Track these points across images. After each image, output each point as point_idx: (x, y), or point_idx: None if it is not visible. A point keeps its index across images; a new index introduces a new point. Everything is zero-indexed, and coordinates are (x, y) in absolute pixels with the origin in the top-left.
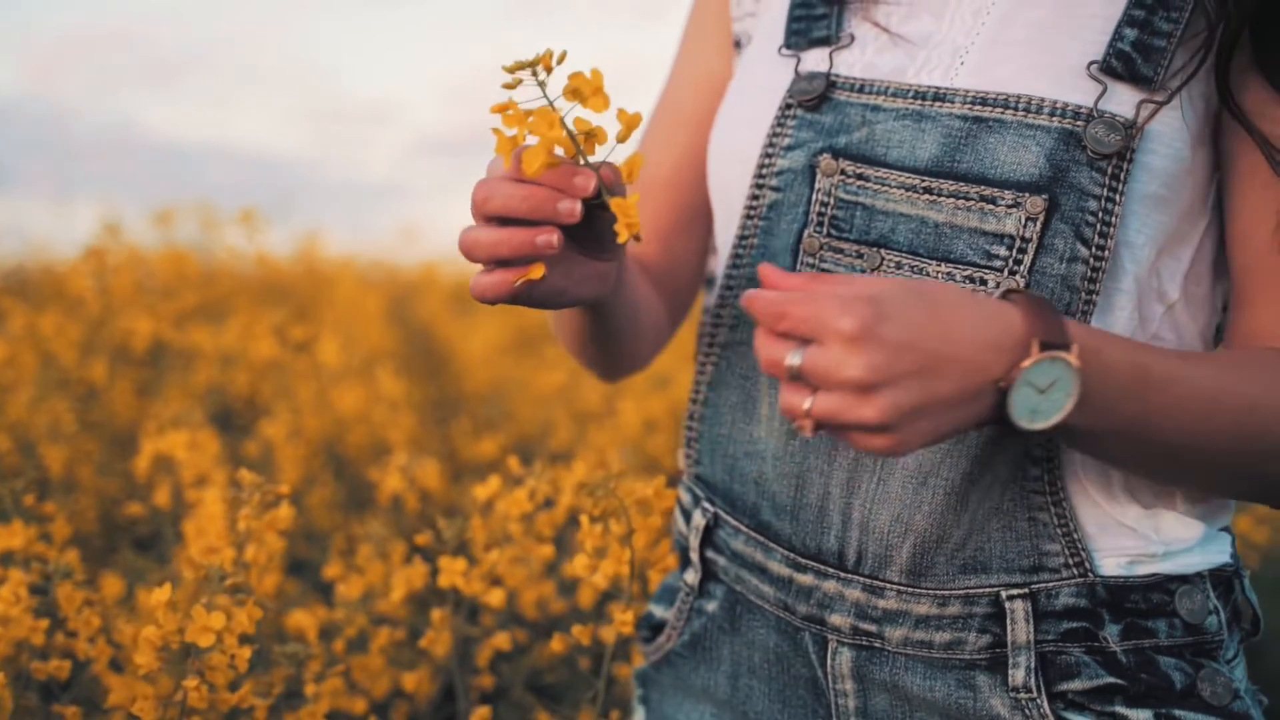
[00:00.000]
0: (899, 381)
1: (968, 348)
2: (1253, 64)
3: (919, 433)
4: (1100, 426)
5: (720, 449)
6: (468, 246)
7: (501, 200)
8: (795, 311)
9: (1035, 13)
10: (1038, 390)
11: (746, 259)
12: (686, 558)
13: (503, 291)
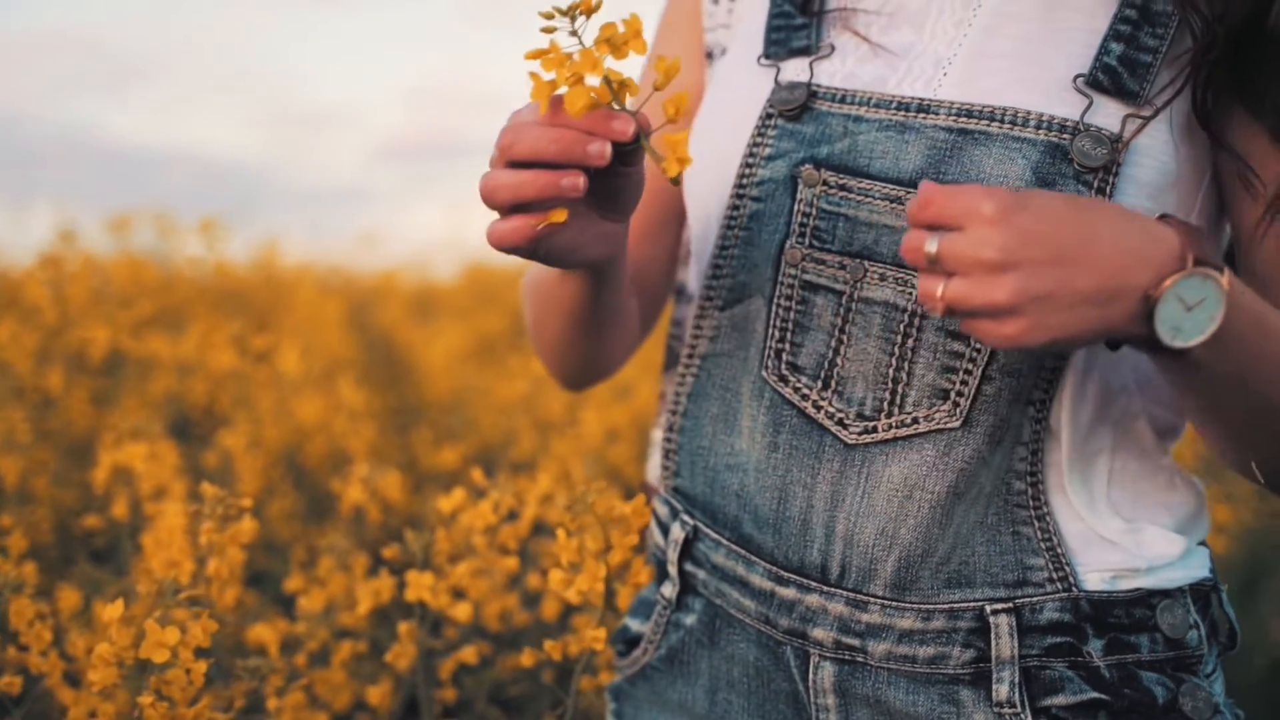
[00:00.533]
0: (1031, 267)
1: (1109, 247)
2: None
3: (1048, 326)
4: (1219, 364)
5: (700, 461)
6: (489, 190)
7: (530, 143)
8: (940, 199)
9: (1019, 26)
10: (1185, 306)
11: (727, 269)
12: (664, 571)
13: (521, 238)
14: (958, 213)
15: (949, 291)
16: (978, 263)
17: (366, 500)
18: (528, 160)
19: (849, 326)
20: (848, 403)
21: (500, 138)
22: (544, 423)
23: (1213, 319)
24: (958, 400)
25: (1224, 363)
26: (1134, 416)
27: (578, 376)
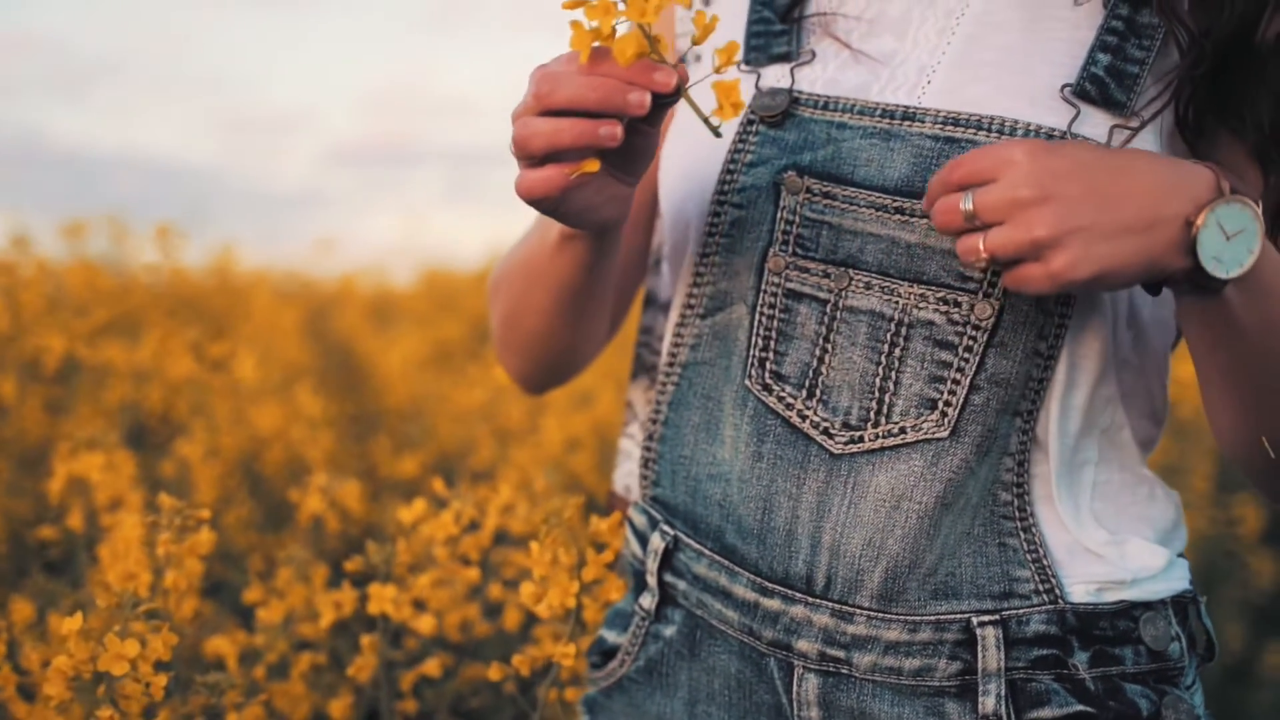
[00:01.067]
0: (1067, 200)
1: (1145, 179)
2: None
3: (1093, 257)
4: (1247, 312)
5: (682, 471)
6: (525, 137)
7: (571, 90)
8: (970, 157)
9: (1003, 35)
10: (1225, 235)
11: (708, 276)
12: (642, 582)
13: (554, 187)
14: (989, 164)
15: (990, 240)
16: (1014, 202)
17: (325, 510)
18: (566, 108)
19: (834, 335)
20: (833, 412)
21: (536, 85)
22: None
23: (1251, 251)
24: (946, 410)
25: (1252, 311)
26: (1119, 428)
27: (548, 372)
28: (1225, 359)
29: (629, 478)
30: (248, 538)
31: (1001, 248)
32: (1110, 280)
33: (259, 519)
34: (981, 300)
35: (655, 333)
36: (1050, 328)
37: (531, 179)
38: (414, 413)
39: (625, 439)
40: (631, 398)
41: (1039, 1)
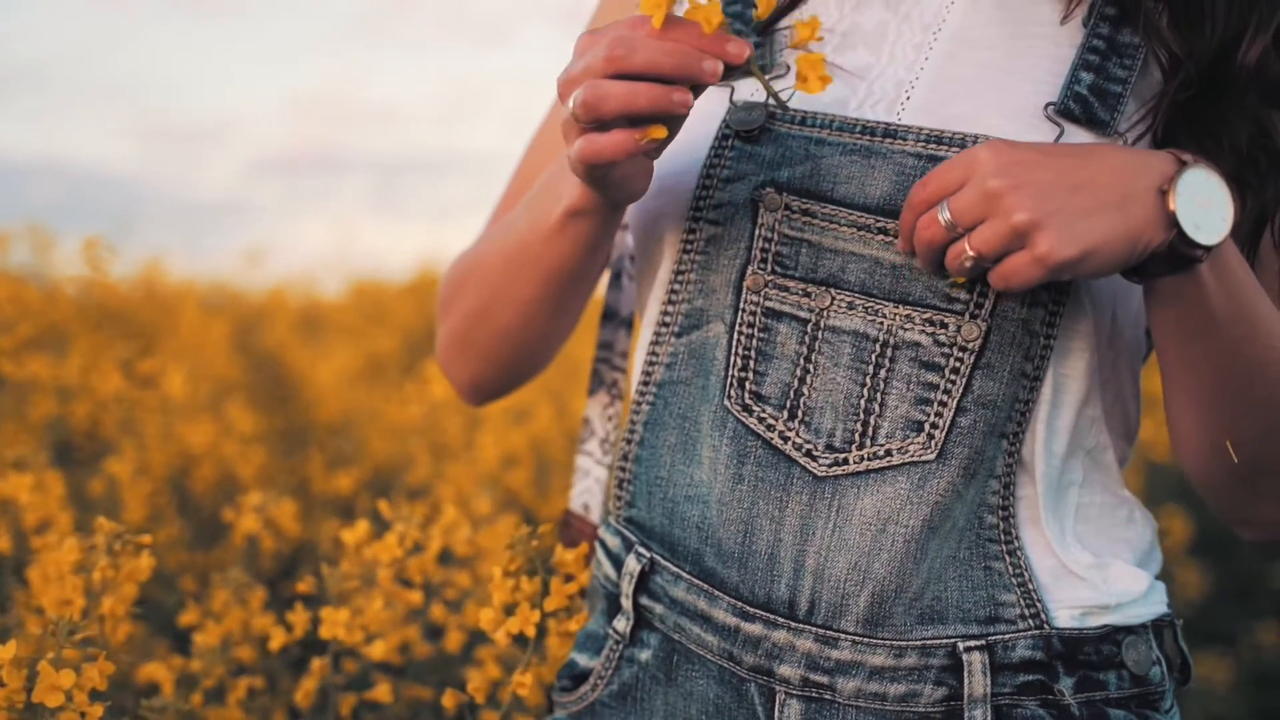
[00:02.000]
0: (1038, 185)
1: (1109, 160)
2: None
3: (1076, 234)
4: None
5: (658, 492)
6: (598, 99)
7: (647, 54)
8: (934, 175)
9: (983, 52)
10: (1198, 203)
11: (683, 294)
12: (615, 604)
13: (624, 150)
14: (956, 173)
15: (975, 239)
16: (987, 196)
17: (261, 529)
18: (641, 73)
19: (815, 355)
20: (816, 433)
21: (607, 48)
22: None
23: (1225, 219)
24: (932, 433)
25: (1224, 296)
26: (1103, 449)
27: (508, 375)
28: (1197, 353)
29: (587, 495)
30: (178, 556)
31: (987, 242)
32: (1097, 258)
33: (188, 537)
34: (968, 321)
35: (615, 348)
36: (1036, 349)
37: (602, 142)
38: (345, 427)
39: (583, 456)
40: (589, 414)
41: (1017, 18)
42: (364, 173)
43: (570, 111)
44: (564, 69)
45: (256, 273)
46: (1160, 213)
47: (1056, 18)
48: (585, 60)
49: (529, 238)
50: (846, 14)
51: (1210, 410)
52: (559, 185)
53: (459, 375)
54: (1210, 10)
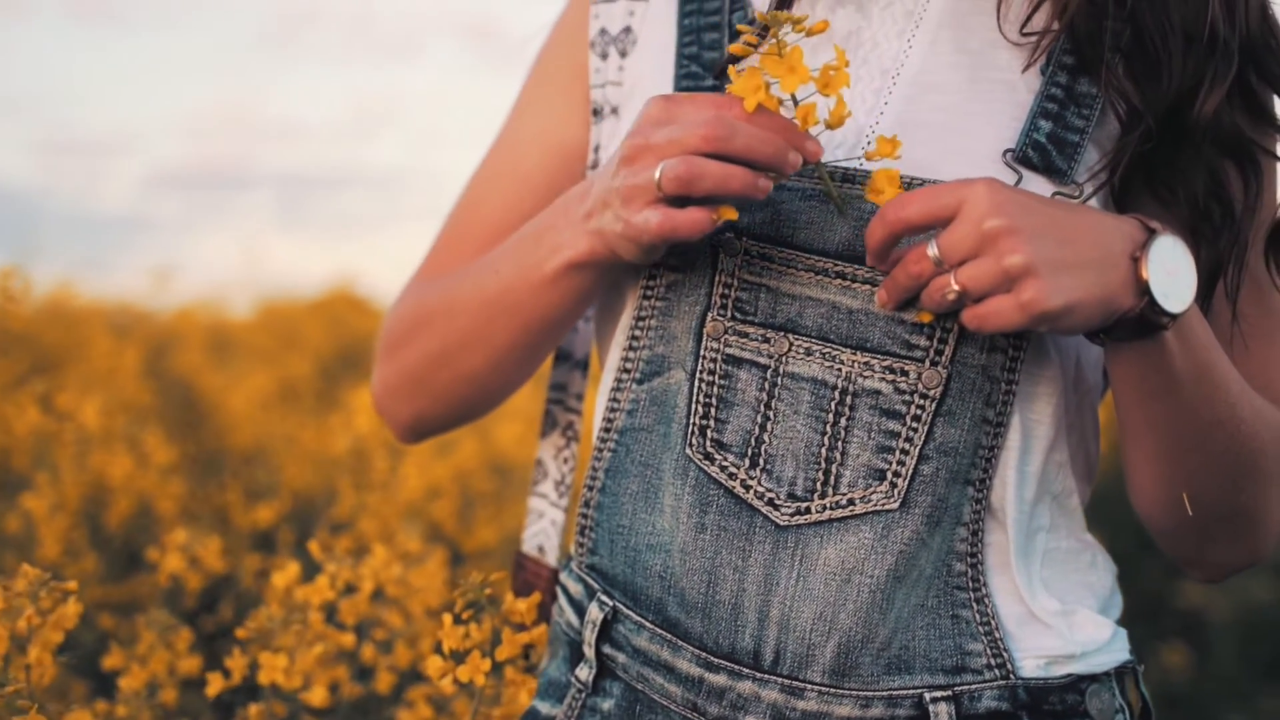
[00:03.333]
0: (1033, 231)
1: (1088, 218)
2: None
3: (1062, 287)
4: (1184, 359)
5: (620, 540)
6: (693, 176)
7: (746, 141)
8: (923, 194)
9: (942, 97)
10: (1166, 271)
11: (644, 340)
12: (578, 653)
13: (701, 229)
14: (949, 201)
15: (963, 276)
16: (984, 236)
17: (185, 569)
18: (737, 156)
19: (775, 403)
20: (778, 482)
21: (706, 126)
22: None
23: (1190, 286)
24: (895, 481)
25: (1186, 357)
26: (1069, 493)
27: (456, 417)
28: (1158, 411)
29: (541, 538)
30: (93, 592)
31: (975, 280)
32: (1075, 315)
33: (102, 570)
34: (929, 368)
35: (570, 390)
36: (997, 394)
37: (680, 219)
38: (259, 454)
39: (536, 498)
40: (542, 455)
41: (975, 63)
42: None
43: (655, 180)
44: (637, 130)
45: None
46: (1133, 279)
47: (1015, 64)
48: (671, 132)
49: (515, 284)
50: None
51: (1169, 464)
52: (556, 235)
53: (401, 413)
54: (1167, 62)
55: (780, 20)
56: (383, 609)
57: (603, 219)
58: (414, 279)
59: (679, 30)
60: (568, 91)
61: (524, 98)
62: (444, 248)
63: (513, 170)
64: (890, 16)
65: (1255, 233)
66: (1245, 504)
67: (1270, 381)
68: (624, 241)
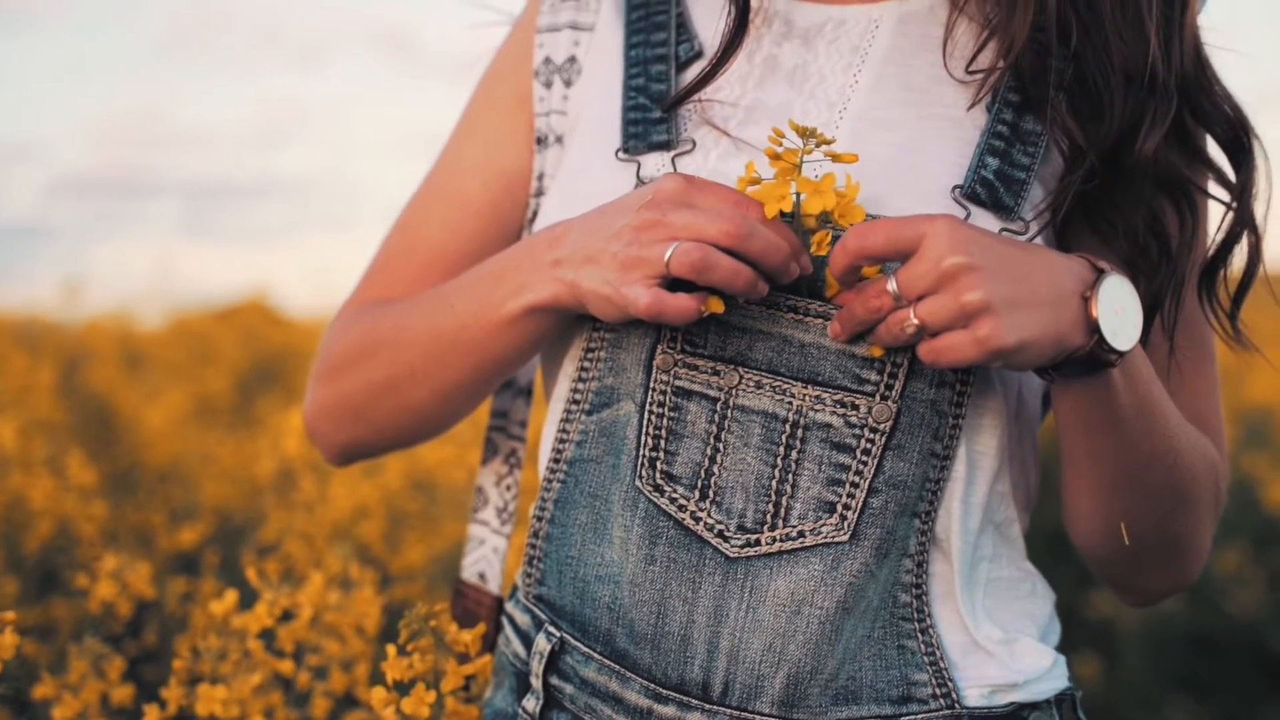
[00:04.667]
0: (991, 269)
1: (1041, 257)
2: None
3: (1017, 324)
4: (1128, 394)
5: (569, 571)
6: (705, 266)
7: (761, 245)
8: (885, 227)
9: (890, 133)
10: (1114, 310)
11: (593, 372)
12: (525, 683)
13: (687, 319)
14: (910, 235)
15: (922, 310)
16: (944, 274)
17: (117, 595)
18: (751, 258)
19: (725, 435)
20: (727, 514)
21: (728, 223)
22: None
23: (1136, 326)
24: (845, 514)
25: (1130, 393)
26: (1011, 522)
27: (392, 445)
28: (1101, 444)
29: (482, 565)
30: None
31: (933, 315)
32: (1028, 352)
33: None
34: (879, 402)
35: (512, 417)
36: (944, 429)
37: (670, 305)
38: (175, 471)
39: (476, 525)
40: (483, 482)
41: (921, 100)
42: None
43: (664, 259)
44: (653, 203)
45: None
46: (1083, 318)
47: (960, 101)
48: (691, 217)
49: (469, 323)
50: (750, 89)
51: (1109, 495)
52: (519, 276)
53: (335, 438)
54: (1109, 101)
55: (810, 135)
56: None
57: (582, 273)
58: (351, 302)
59: (626, 62)
60: (511, 119)
61: (466, 123)
62: (383, 271)
63: (455, 195)
64: (836, 51)
65: (1190, 269)
66: (1178, 532)
67: (1200, 412)
68: (603, 303)
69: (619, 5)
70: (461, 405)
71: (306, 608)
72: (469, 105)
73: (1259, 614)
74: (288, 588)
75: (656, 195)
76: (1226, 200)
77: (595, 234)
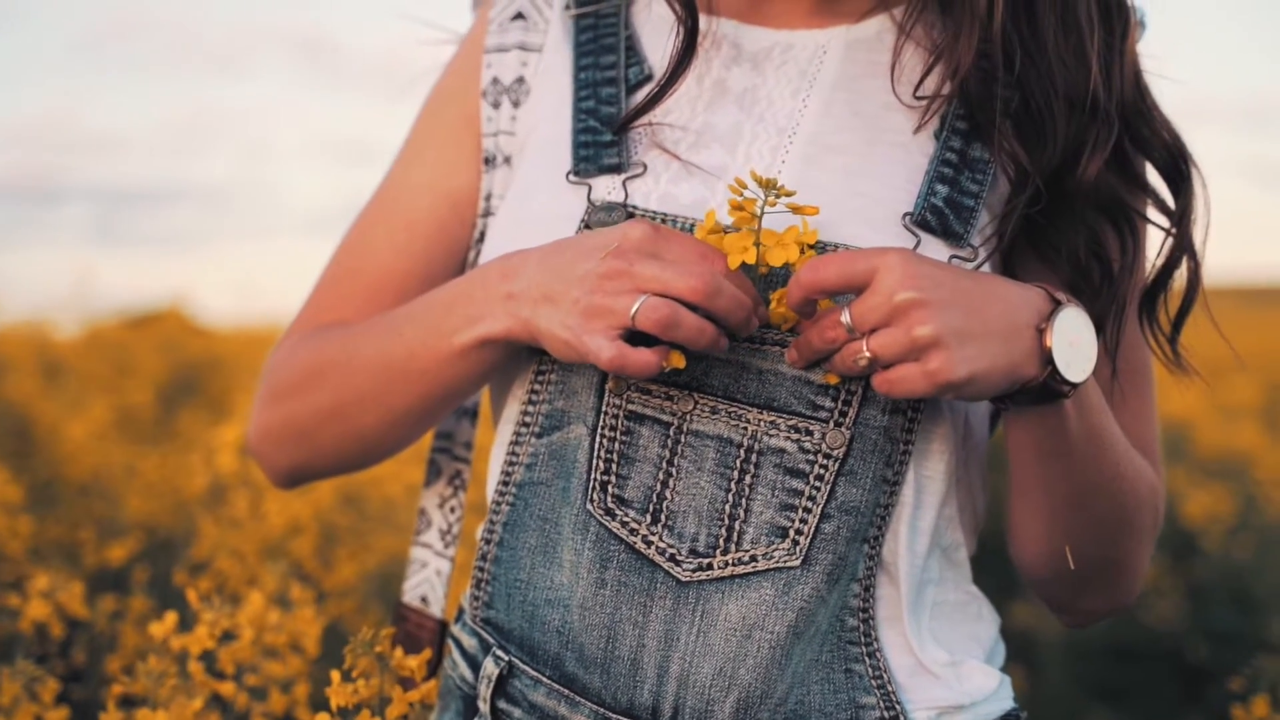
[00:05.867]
0: (943, 303)
1: (998, 289)
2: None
3: (968, 358)
4: (1079, 424)
5: (518, 594)
6: (671, 323)
7: (727, 304)
8: (839, 260)
9: (840, 158)
10: (1068, 342)
11: (544, 396)
12: (472, 707)
13: (648, 374)
14: (863, 269)
15: (874, 343)
16: (896, 308)
17: (50, 615)
18: (716, 314)
19: (678, 459)
20: (679, 538)
21: (696, 279)
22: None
23: (1090, 358)
24: (797, 539)
25: (1082, 422)
26: (957, 546)
27: (336, 470)
28: (1051, 471)
29: (425, 588)
30: None
31: (885, 348)
32: (979, 384)
33: None
34: (833, 429)
35: (457, 439)
36: (896, 455)
37: (633, 361)
38: (96, 485)
39: (419, 547)
40: (425, 505)
41: (870, 125)
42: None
43: (630, 312)
44: (620, 252)
45: None
46: (1037, 349)
47: (908, 127)
48: (659, 270)
49: (419, 351)
50: (699, 112)
51: (1056, 519)
52: (472, 307)
53: (280, 461)
54: (1052, 126)
55: (772, 188)
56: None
57: (540, 312)
58: (298, 324)
59: (575, 84)
60: (459, 139)
61: (413, 143)
62: (329, 293)
63: (402, 216)
64: (784, 76)
65: (1131, 293)
66: (1120, 556)
67: (1139, 435)
68: (561, 346)
69: (568, 27)
70: (410, 432)
71: (248, 629)
72: (416, 124)
73: (1177, 625)
74: (226, 606)
75: (623, 243)
76: (1166, 226)
77: (555, 274)
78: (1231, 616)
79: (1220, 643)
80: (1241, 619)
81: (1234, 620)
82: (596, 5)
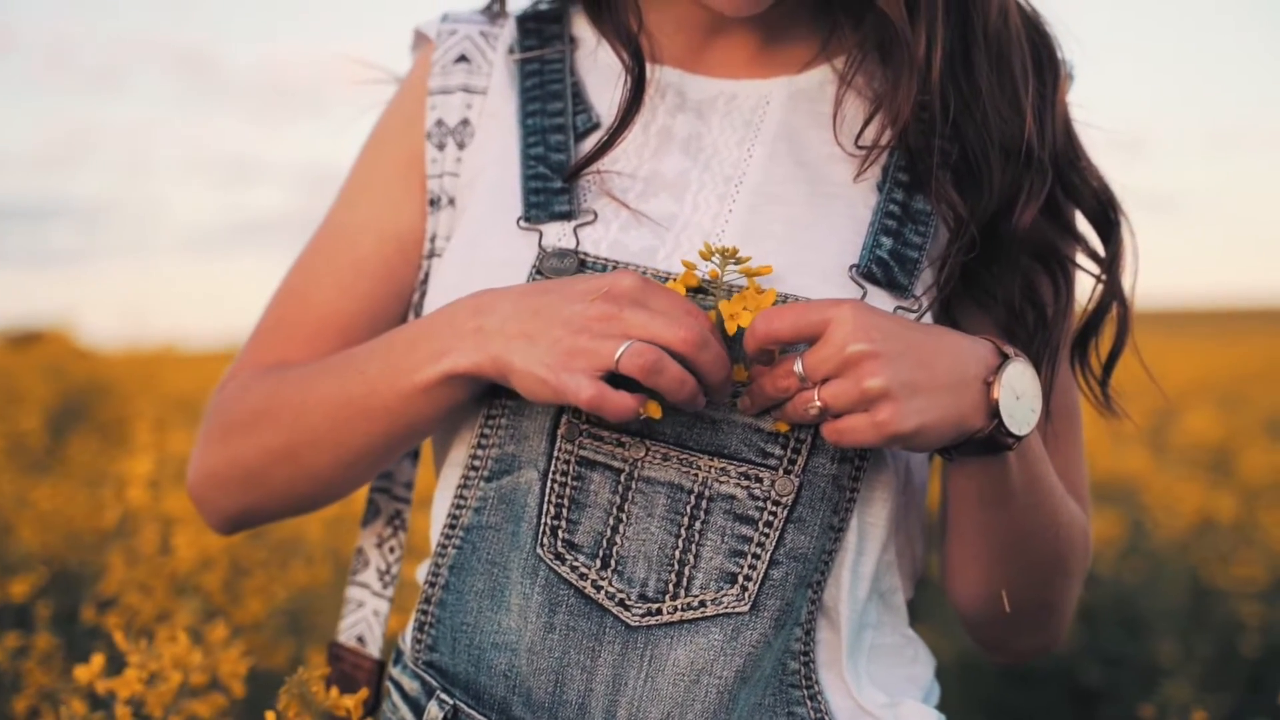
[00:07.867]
0: (894, 355)
1: (947, 342)
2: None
3: (917, 409)
4: (1019, 475)
5: (464, 638)
6: (656, 371)
7: (711, 360)
8: (792, 311)
9: (786, 208)
10: (1014, 395)
11: (494, 439)
12: None
13: (625, 418)
14: (816, 320)
15: (825, 393)
16: (847, 360)
17: None
18: (697, 369)
19: (629, 505)
20: (629, 583)
21: (686, 331)
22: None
23: (1035, 410)
24: (746, 584)
25: (1023, 471)
26: (895, 591)
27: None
28: (991, 517)
29: (361, 628)
30: None
31: (836, 399)
32: (926, 435)
33: None
34: (782, 476)
35: (397, 479)
36: (842, 502)
37: (612, 403)
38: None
39: (355, 587)
40: (363, 544)
41: (813, 176)
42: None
43: (615, 355)
44: (609, 297)
45: None
46: (984, 402)
47: (851, 179)
48: (648, 319)
49: (380, 388)
50: (646, 160)
51: (993, 564)
52: (438, 343)
53: (224, 504)
54: (988, 175)
55: (731, 256)
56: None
57: (514, 348)
58: (241, 365)
59: (522, 130)
60: (404, 179)
61: (355, 182)
62: (273, 333)
63: (346, 255)
64: (729, 125)
65: (1063, 337)
66: (1051, 598)
67: (1069, 477)
68: (535, 383)
69: (512, 71)
70: (363, 473)
71: (174, 672)
72: (358, 164)
73: (1070, 647)
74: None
75: (612, 290)
76: (1096, 273)
77: (536, 314)
78: (1123, 639)
79: (1112, 665)
80: (1132, 642)
81: (1125, 643)
82: (541, 51)
